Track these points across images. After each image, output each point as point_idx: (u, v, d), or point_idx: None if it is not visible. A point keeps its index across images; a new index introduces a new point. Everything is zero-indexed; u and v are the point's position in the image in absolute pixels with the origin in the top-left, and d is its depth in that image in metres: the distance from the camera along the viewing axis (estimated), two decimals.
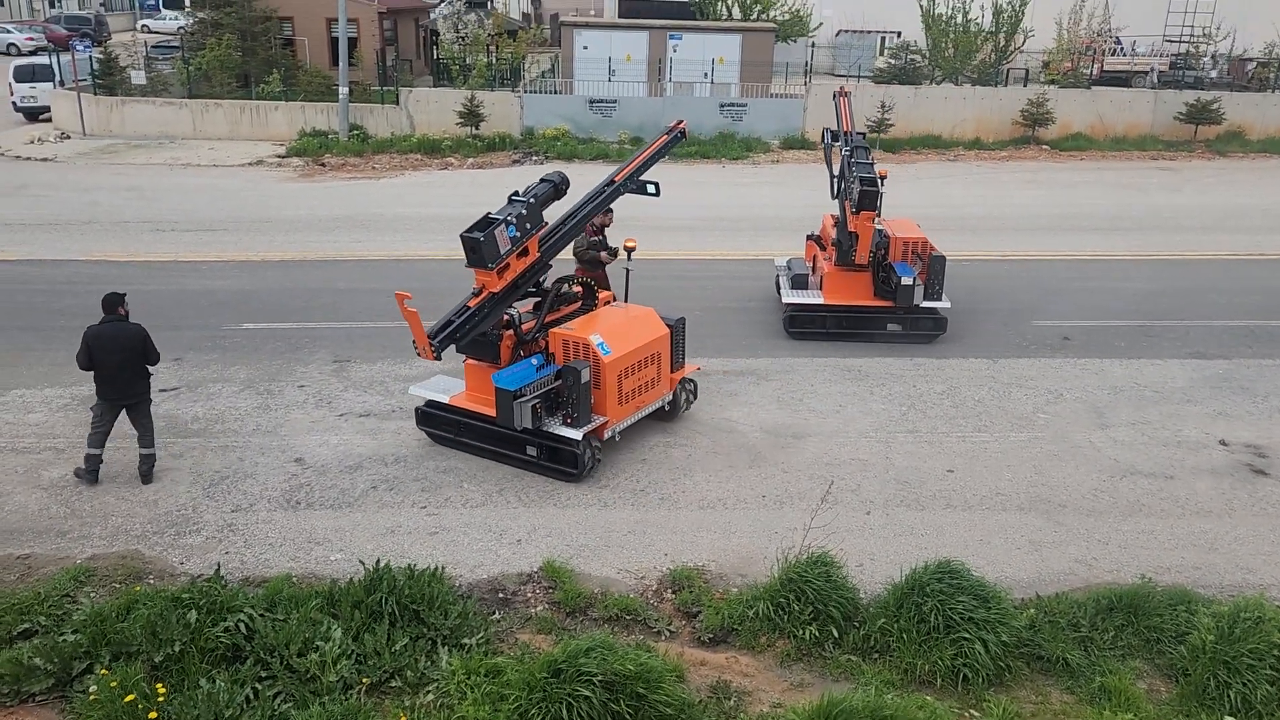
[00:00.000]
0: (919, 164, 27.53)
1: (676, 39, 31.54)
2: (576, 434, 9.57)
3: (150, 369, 9.64)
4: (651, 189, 11.19)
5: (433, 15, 41.52)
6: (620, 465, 10.17)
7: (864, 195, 12.42)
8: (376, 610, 7.25)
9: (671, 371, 10.97)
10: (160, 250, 17.76)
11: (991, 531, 9.09)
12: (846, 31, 41.52)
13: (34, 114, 31.63)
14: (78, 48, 31.81)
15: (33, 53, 43.82)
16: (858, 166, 12.96)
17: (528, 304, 10.29)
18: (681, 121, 12.06)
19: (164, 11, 60.48)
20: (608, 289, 12.14)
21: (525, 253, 9.72)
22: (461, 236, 9.34)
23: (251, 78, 30.45)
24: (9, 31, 52.08)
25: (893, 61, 33.71)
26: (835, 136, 14.57)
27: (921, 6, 32.71)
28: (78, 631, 6.92)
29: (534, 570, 8.34)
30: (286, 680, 6.65)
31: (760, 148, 28.29)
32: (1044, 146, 29.42)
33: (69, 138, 28.95)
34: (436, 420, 10.46)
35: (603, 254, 12.01)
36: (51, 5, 62.87)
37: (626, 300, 11.37)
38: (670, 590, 8.17)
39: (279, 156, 26.92)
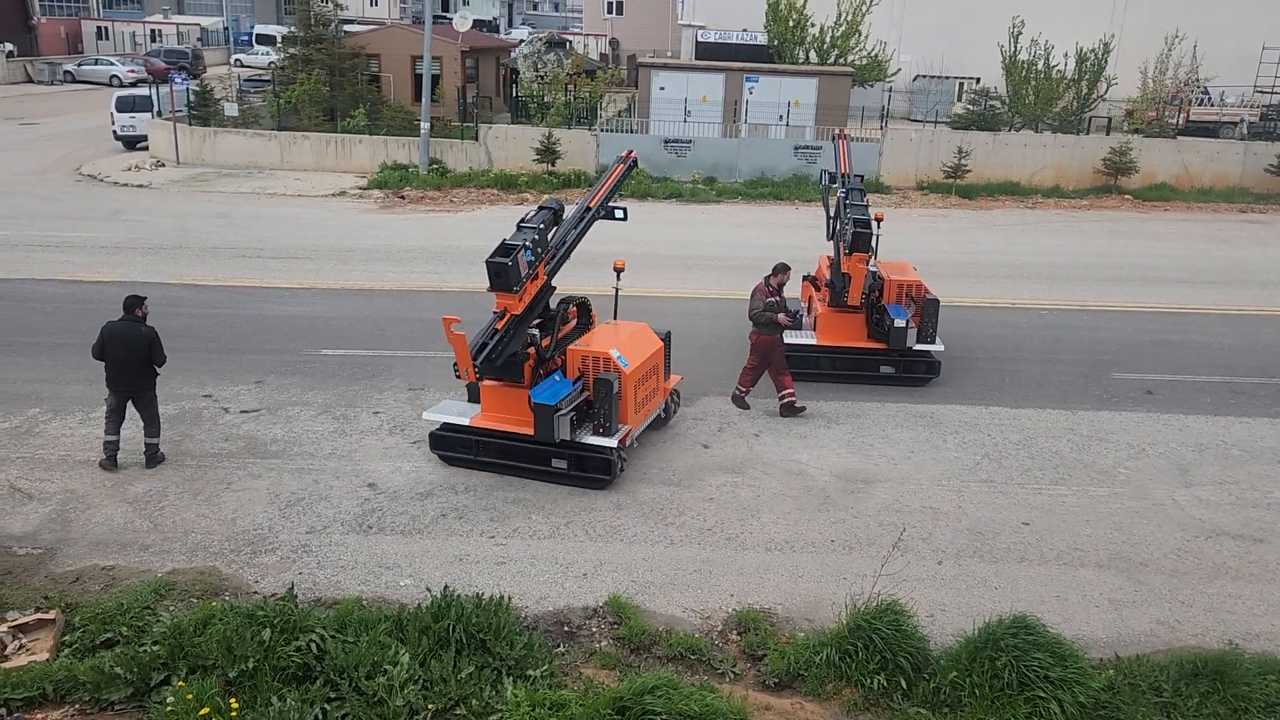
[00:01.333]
0: (996, 211, 27.19)
1: (753, 81, 31.73)
2: (613, 442, 10.11)
3: (157, 369, 10.57)
4: (620, 214, 11.77)
5: (513, 54, 42.45)
6: (686, 504, 10.15)
7: (857, 237, 12.43)
8: (444, 637, 7.31)
9: (664, 382, 11.56)
10: (246, 276, 18.31)
11: (1068, 588, 8.84)
12: (924, 77, 41.33)
13: (132, 142, 32.99)
14: (175, 80, 33.16)
15: (134, 84, 45.85)
16: (852, 208, 12.97)
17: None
18: (631, 152, 12.64)
19: (257, 47, 62.83)
20: (781, 352, 12.13)
21: (535, 276, 10.14)
22: (487, 262, 9.74)
23: (338, 112, 31.39)
24: (112, 64, 54.64)
25: (971, 107, 33.44)
26: (833, 178, 14.51)
27: (1003, 52, 32.46)
28: (157, 643, 7.11)
29: (599, 605, 8.34)
30: (355, 702, 6.73)
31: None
32: (1127, 196, 28.83)
33: (164, 165, 30.11)
34: (452, 443, 10.75)
35: (780, 316, 12.00)
36: (152, 39, 65.76)
37: (616, 318, 11.70)
38: (735, 631, 8.10)
39: (360, 188, 27.64)
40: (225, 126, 31.03)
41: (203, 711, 6.37)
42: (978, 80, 38.43)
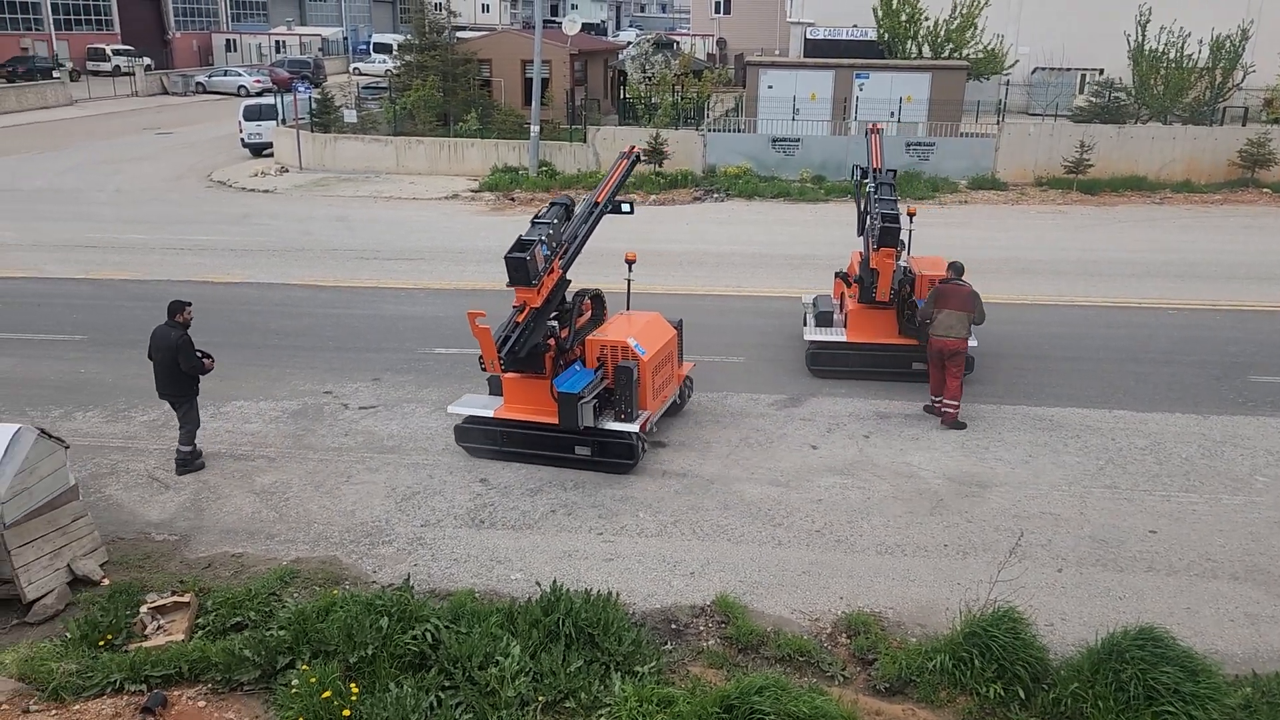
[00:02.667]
0: (1120, 207, 26.10)
1: (863, 78, 31.22)
2: (634, 427, 10.47)
3: (197, 378, 10.62)
4: (626, 207, 12.11)
5: (621, 56, 42.77)
6: (794, 504, 10.05)
7: (884, 232, 12.13)
8: (554, 631, 7.42)
9: (677, 368, 11.88)
10: (363, 276, 18.93)
11: (1200, 600, 8.42)
12: (1043, 69, 39.96)
13: (259, 149, 34.49)
14: (298, 89, 34.55)
15: (260, 94, 47.89)
16: (880, 203, 12.73)
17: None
18: (635, 146, 12.72)
19: (374, 55, 64.92)
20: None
21: (551, 270, 10.40)
22: (506, 258, 10.04)
23: (451, 116, 32.18)
24: (240, 75, 57.21)
25: (1094, 99, 32.20)
26: (865, 173, 14.18)
27: (1129, 42, 31.16)
28: (283, 628, 7.40)
29: (706, 604, 8.33)
30: (468, 691, 6.88)
31: (947, 188, 27.54)
32: (1265, 190, 27.29)
33: (287, 171, 31.38)
34: (476, 434, 11.07)
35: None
36: (277, 50, 68.62)
37: (629, 308, 11.98)
38: (845, 634, 7.98)
39: (472, 191, 28.26)
40: (345, 133, 32.14)
41: (325, 695, 6.60)
42: (1101, 71, 36.95)
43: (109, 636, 7.66)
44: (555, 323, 10.80)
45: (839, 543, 9.37)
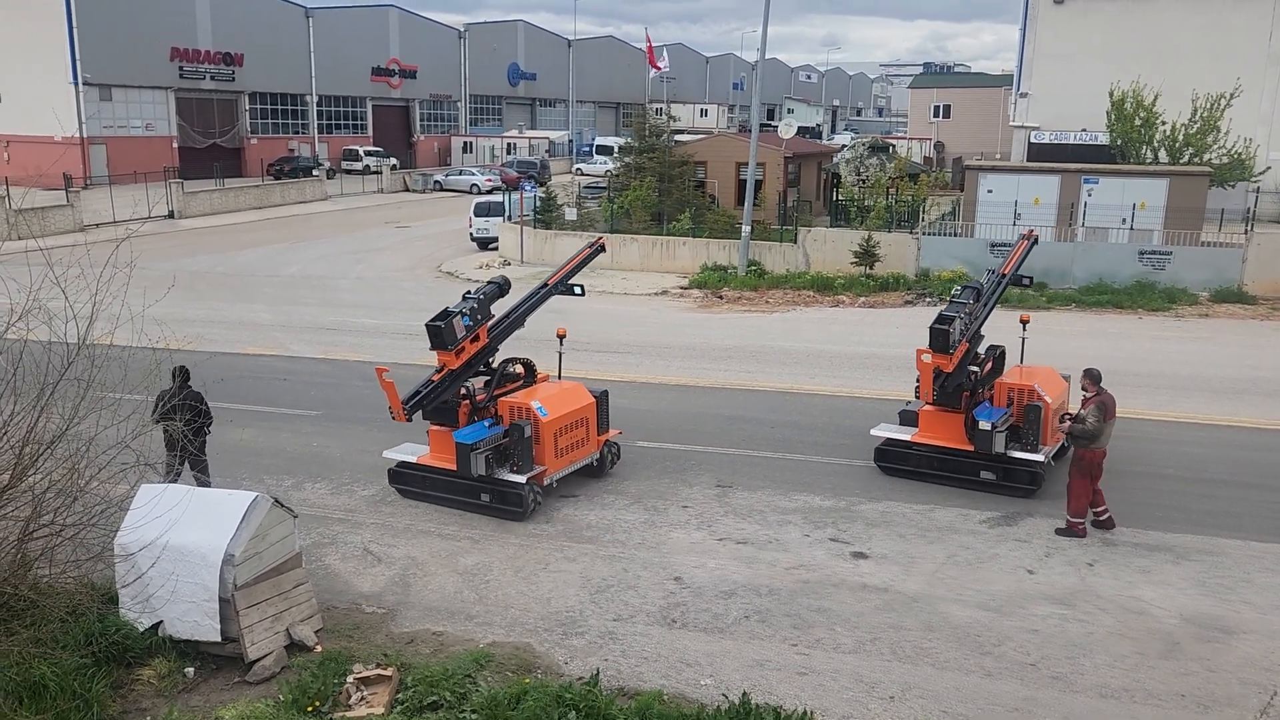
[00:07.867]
0: None
1: (1092, 183, 29.86)
2: (521, 479, 11.64)
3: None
4: (578, 290, 14.00)
5: (835, 159, 42.98)
6: (1006, 633, 9.37)
7: (932, 334, 12.14)
8: None
9: (599, 434, 12.99)
10: (572, 368, 19.48)
11: None
12: None
13: (485, 243, 36.73)
14: (525, 188, 36.67)
15: (490, 192, 51.20)
16: (952, 305, 12.64)
17: (479, 380, 12.43)
18: (601, 238, 14.03)
19: (596, 157, 68.31)
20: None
21: (476, 339, 12.10)
22: (426, 325, 11.67)
23: (664, 215, 33.20)
24: (473, 174, 61.49)
25: None
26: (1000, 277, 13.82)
27: None
28: (475, 712, 7.52)
29: None
30: None
31: (1186, 299, 25.66)
32: None
33: (509, 264, 33.15)
34: (406, 478, 12.55)
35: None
36: (508, 152, 73.45)
37: (560, 377, 13.41)
38: None
39: (681, 288, 28.83)
40: (565, 229, 33.74)
41: None
42: None
43: (317, 703, 8.00)
44: (475, 383, 12.16)
45: (1056, 679, 8.61)
